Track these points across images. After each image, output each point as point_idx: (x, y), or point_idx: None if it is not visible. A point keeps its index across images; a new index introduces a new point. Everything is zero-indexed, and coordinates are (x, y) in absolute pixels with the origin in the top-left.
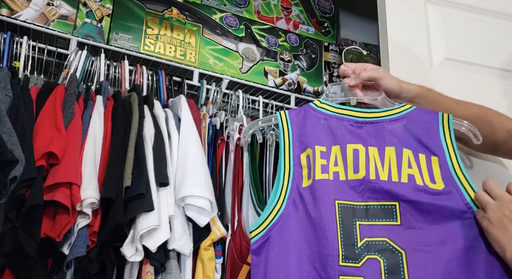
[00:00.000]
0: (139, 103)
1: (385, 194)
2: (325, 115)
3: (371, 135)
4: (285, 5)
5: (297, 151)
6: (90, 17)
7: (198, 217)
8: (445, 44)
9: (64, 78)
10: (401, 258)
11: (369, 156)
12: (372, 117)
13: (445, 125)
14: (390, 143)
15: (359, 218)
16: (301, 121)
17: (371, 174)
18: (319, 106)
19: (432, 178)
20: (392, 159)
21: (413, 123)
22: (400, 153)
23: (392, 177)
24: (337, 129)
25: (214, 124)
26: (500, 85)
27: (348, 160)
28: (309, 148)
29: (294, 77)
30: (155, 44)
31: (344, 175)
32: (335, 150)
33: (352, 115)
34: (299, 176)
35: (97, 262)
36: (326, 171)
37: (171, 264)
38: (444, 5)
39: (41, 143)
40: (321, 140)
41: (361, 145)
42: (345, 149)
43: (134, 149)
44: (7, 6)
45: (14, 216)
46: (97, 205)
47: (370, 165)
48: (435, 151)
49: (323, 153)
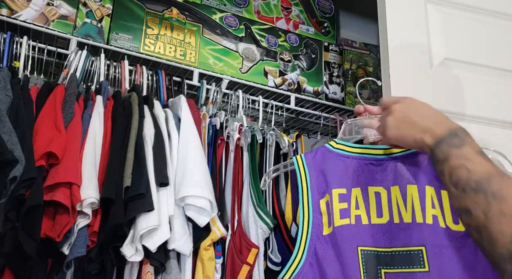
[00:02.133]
0: (139, 103)
1: (410, 238)
2: (343, 156)
3: (391, 173)
4: (285, 5)
5: (316, 197)
6: (90, 17)
7: (198, 217)
8: (445, 44)
9: (64, 78)
10: None
11: (391, 198)
12: (390, 153)
13: None
14: (411, 181)
15: (384, 266)
16: (319, 165)
17: (395, 218)
18: (335, 147)
19: (456, 217)
20: (415, 199)
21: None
22: (423, 191)
23: (416, 218)
24: (356, 171)
25: (214, 124)
26: (500, 85)
27: (370, 203)
28: (327, 194)
29: (294, 77)
30: (155, 44)
31: (367, 219)
32: (355, 193)
33: (371, 153)
34: (319, 223)
35: (97, 262)
36: (347, 215)
37: (171, 264)
38: (444, 5)
39: (41, 143)
40: (340, 183)
41: (382, 187)
42: (367, 191)
43: (134, 149)
44: (7, 6)
45: (14, 216)
46: (97, 205)
47: (393, 208)
48: None
49: (342, 196)
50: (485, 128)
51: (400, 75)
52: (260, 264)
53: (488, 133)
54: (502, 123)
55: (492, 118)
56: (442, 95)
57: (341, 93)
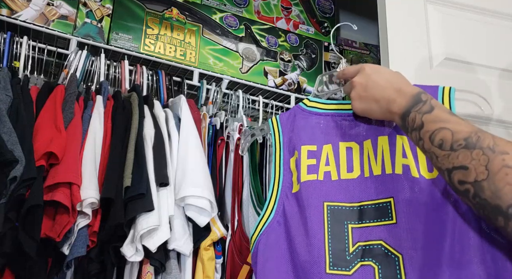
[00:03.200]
0: (139, 103)
1: (379, 191)
2: (316, 114)
3: (365, 127)
4: (285, 5)
5: (287, 156)
6: (90, 17)
7: (198, 217)
8: (445, 44)
9: (64, 78)
10: (398, 263)
11: (363, 152)
12: None
13: (445, 99)
14: (383, 132)
15: (351, 221)
16: (291, 124)
17: (365, 172)
18: (309, 105)
19: (430, 165)
20: (385, 150)
21: None
22: (393, 142)
23: (385, 169)
24: (328, 127)
25: (214, 124)
26: (500, 85)
27: (341, 159)
28: (296, 151)
29: (294, 77)
30: (155, 44)
31: (336, 175)
32: (326, 149)
33: (344, 109)
34: (289, 182)
35: (97, 262)
36: (315, 171)
37: (171, 264)
38: (444, 5)
39: (41, 143)
40: (310, 140)
41: (354, 143)
42: (338, 147)
43: (134, 149)
44: (7, 6)
45: (14, 216)
46: (97, 205)
47: (364, 162)
48: None
49: (311, 153)
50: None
51: None
52: None
53: None
54: (502, 123)
55: (492, 118)
56: None
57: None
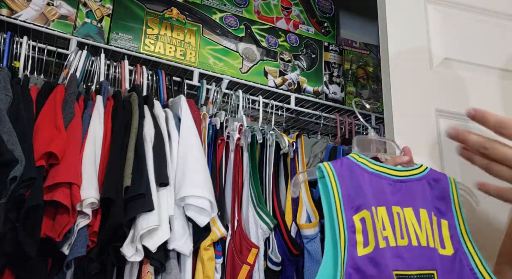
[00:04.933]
0: (139, 103)
1: (426, 262)
2: (368, 172)
3: (406, 195)
4: (285, 5)
5: (349, 213)
6: (90, 17)
7: (198, 217)
8: (445, 44)
9: (64, 78)
10: None
11: (407, 220)
12: (405, 175)
13: (453, 187)
14: (422, 205)
15: None
16: (348, 177)
17: (413, 240)
18: (359, 160)
19: (442, 242)
20: (427, 224)
21: (431, 184)
22: (431, 217)
23: (429, 242)
24: (380, 189)
25: (214, 124)
26: (500, 85)
27: (395, 224)
28: (365, 210)
29: (294, 77)
30: (155, 44)
31: (394, 241)
32: (381, 212)
33: (389, 173)
34: (353, 243)
35: (97, 262)
36: (383, 237)
37: (171, 264)
38: (444, 5)
39: (41, 143)
40: (372, 200)
41: (399, 207)
42: (391, 211)
43: (134, 149)
44: (7, 6)
45: (14, 216)
46: (97, 205)
47: (409, 230)
48: (446, 214)
49: (378, 216)
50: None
51: (400, 75)
52: (260, 264)
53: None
54: None
55: None
56: (442, 95)
57: (341, 93)
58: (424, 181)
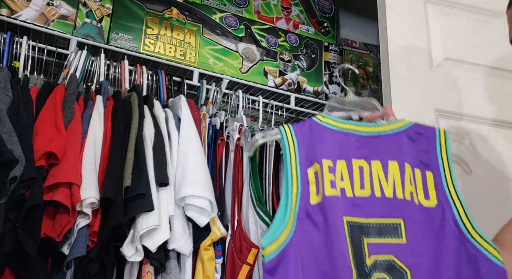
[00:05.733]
0: (139, 103)
1: (390, 211)
2: (330, 130)
3: (374, 149)
4: (285, 5)
5: (304, 167)
6: (90, 17)
7: (198, 217)
8: (445, 44)
9: (64, 78)
10: (406, 277)
11: (373, 173)
12: (376, 131)
13: (441, 139)
14: (393, 158)
15: (366, 236)
16: (307, 136)
17: (376, 191)
18: (323, 121)
19: (427, 194)
20: (396, 175)
21: (412, 138)
22: (402, 169)
23: (396, 193)
24: (342, 144)
25: (214, 124)
26: (500, 85)
27: (354, 176)
28: (316, 163)
29: (294, 77)
30: (155, 44)
31: (351, 192)
32: (340, 165)
33: (356, 130)
34: (306, 193)
35: (97, 262)
36: (334, 186)
37: (171, 264)
38: (444, 5)
39: (41, 143)
40: (327, 154)
41: (364, 161)
42: (351, 164)
43: (134, 149)
44: (7, 6)
45: (14, 216)
46: (97, 205)
47: (374, 182)
48: (431, 166)
49: (330, 168)
50: (484, 128)
51: (400, 75)
52: (260, 264)
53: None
54: (502, 123)
55: (492, 118)
56: (442, 95)
57: (341, 93)
58: (403, 135)
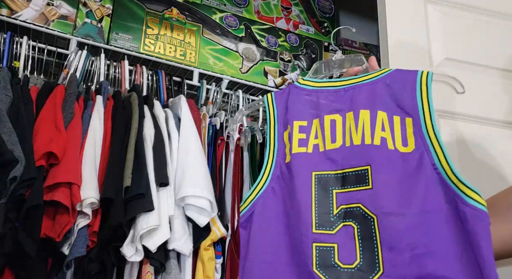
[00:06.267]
0: (139, 103)
1: (358, 159)
2: (307, 91)
3: (348, 101)
4: (285, 5)
5: (281, 130)
6: (90, 17)
7: (198, 217)
8: (445, 44)
9: (64, 78)
10: (373, 223)
11: (346, 124)
12: (350, 83)
13: (423, 82)
14: (365, 106)
15: (335, 187)
16: (284, 99)
17: (347, 141)
18: (302, 83)
19: (405, 140)
20: (366, 122)
21: (392, 85)
22: (374, 116)
23: (365, 140)
24: (317, 103)
25: (214, 124)
26: (500, 85)
27: (325, 131)
28: (289, 125)
29: (294, 77)
30: (155, 44)
31: (322, 147)
32: (315, 124)
33: (331, 86)
34: (282, 152)
35: (97, 262)
36: (305, 144)
37: (171, 264)
38: (444, 5)
39: (41, 143)
40: (301, 115)
41: (337, 115)
42: (323, 121)
43: (134, 149)
44: (7, 6)
45: (14, 216)
46: (97, 205)
47: (346, 133)
48: (410, 112)
49: (302, 128)
50: (484, 128)
51: None
52: None
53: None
54: (502, 123)
55: (492, 118)
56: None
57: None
58: (379, 82)
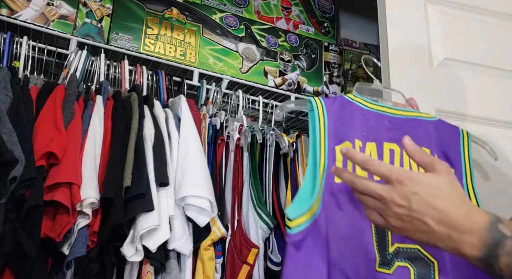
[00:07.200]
0: (139, 103)
1: None
2: (362, 110)
3: (406, 133)
4: (285, 5)
5: (332, 143)
6: (90, 17)
7: (198, 217)
8: (445, 44)
9: (64, 78)
10: (432, 268)
11: (404, 157)
12: (408, 115)
13: (465, 140)
14: (425, 145)
15: None
16: (337, 112)
17: None
18: (354, 99)
19: None
20: None
21: (440, 131)
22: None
23: None
24: (373, 125)
25: (214, 124)
26: (500, 85)
27: (384, 160)
28: (347, 141)
29: (294, 77)
30: (155, 44)
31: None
32: (370, 147)
33: (388, 112)
34: None
35: (97, 262)
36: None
37: (171, 264)
38: (444, 5)
39: (41, 143)
40: (359, 135)
41: (396, 145)
42: (382, 147)
43: (134, 149)
44: (7, 6)
45: (14, 216)
46: (97, 205)
47: (404, 166)
48: (454, 163)
49: (360, 149)
50: (484, 128)
51: (400, 75)
52: (260, 264)
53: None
54: (502, 123)
55: (492, 118)
56: (442, 95)
57: (341, 93)
58: (431, 124)
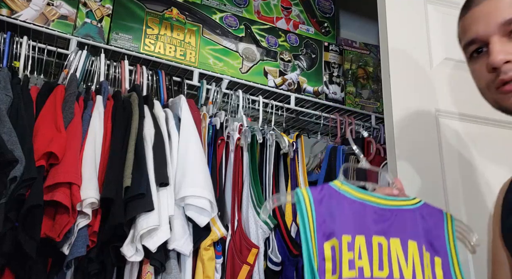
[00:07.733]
0: (139, 103)
1: None
2: (349, 200)
3: (393, 225)
4: (285, 5)
5: (321, 240)
6: (90, 17)
7: (198, 217)
8: (445, 44)
9: (64, 78)
10: None
11: (391, 251)
12: (394, 205)
13: (449, 225)
14: (412, 237)
15: None
16: (325, 203)
17: (395, 272)
18: (341, 188)
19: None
20: (415, 257)
21: (425, 220)
22: (421, 251)
23: (416, 276)
24: (361, 216)
25: (214, 124)
26: None
27: (374, 255)
28: (335, 238)
29: (294, 77)
30: (155, 44)
31: (369, 272)
32: (359, 241)
33: (376, 202)
34: (322, 270)
35: (97, 262)
36: (353, 267)
37: (171, 264)
38: (444, 5)
39: (41, 143)
40: (348, 228)
41: (383, 237)
42: (371, 241)
43: (134, 149)
44: (7, 6)
45: (14, 216)
46: (97, 205)
47: (393, 262)
48: (440, 252)
49: (350, 245)
50: (484, 128)
51: (400, 75)
52: (260, 264)
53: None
54: (502, 123)
55: (491, 118)
56: (442, 95)
57: (341, 93)
58: (417, 213)
